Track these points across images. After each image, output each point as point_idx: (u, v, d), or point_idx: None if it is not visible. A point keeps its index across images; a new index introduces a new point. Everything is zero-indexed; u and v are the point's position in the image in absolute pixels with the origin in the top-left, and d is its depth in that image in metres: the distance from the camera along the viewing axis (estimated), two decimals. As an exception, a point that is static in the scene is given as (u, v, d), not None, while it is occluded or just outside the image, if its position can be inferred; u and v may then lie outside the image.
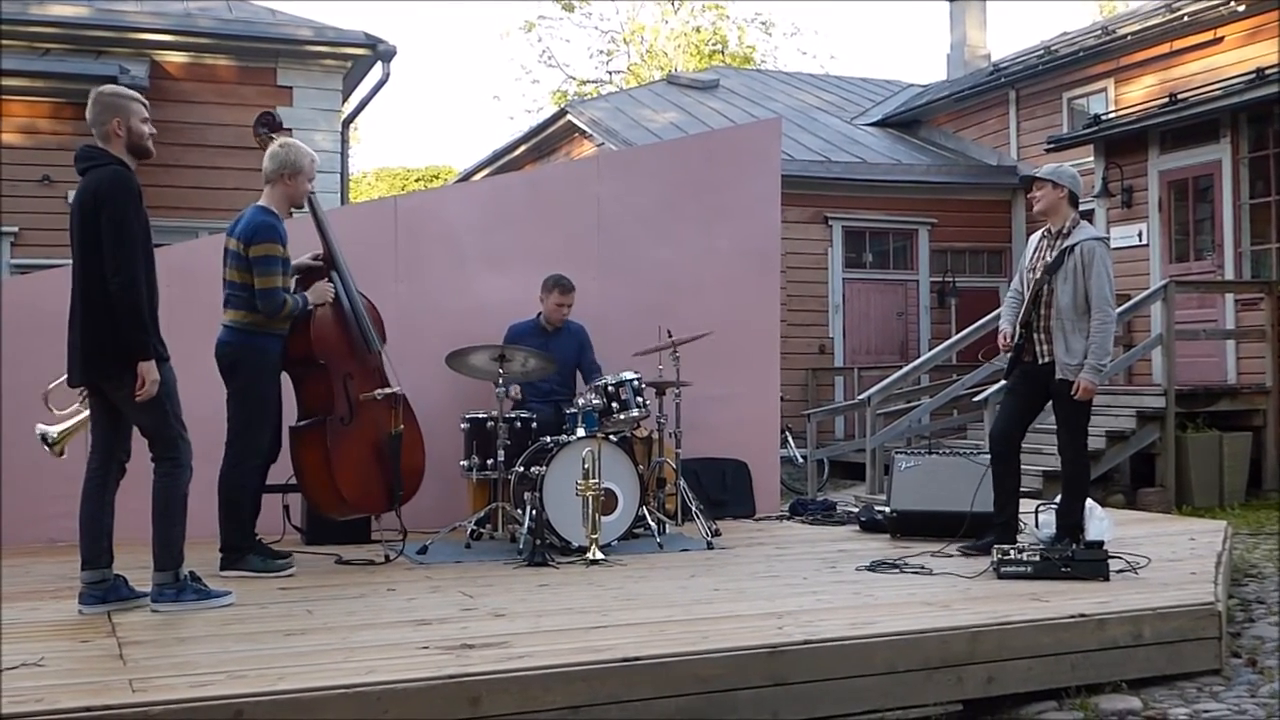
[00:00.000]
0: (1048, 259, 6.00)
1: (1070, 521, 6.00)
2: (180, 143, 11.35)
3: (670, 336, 7.18)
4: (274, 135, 6.05)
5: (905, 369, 11.88)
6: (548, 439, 6.52)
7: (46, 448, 5.25)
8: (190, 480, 4.84)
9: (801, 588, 5.29)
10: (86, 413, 5.01)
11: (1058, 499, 6.47)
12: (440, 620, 4.53)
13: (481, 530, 6.69)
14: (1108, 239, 6.24)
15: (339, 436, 5.91)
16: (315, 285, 5.94)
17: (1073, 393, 5.84)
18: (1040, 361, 6.01)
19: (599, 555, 5.99)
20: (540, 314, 7.35)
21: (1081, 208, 6.13)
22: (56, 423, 5.19)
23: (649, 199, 8.18)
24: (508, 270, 7.65)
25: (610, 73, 34.87)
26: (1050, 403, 6.10)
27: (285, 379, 5.98)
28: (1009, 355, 6.14)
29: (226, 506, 5.65)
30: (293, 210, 6.01)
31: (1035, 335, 6.01)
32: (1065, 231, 6.00)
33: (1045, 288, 5.95)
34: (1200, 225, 13.07)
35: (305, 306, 5.83)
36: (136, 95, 4.89)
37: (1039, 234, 6.20)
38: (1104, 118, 13.84)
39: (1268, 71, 11.69)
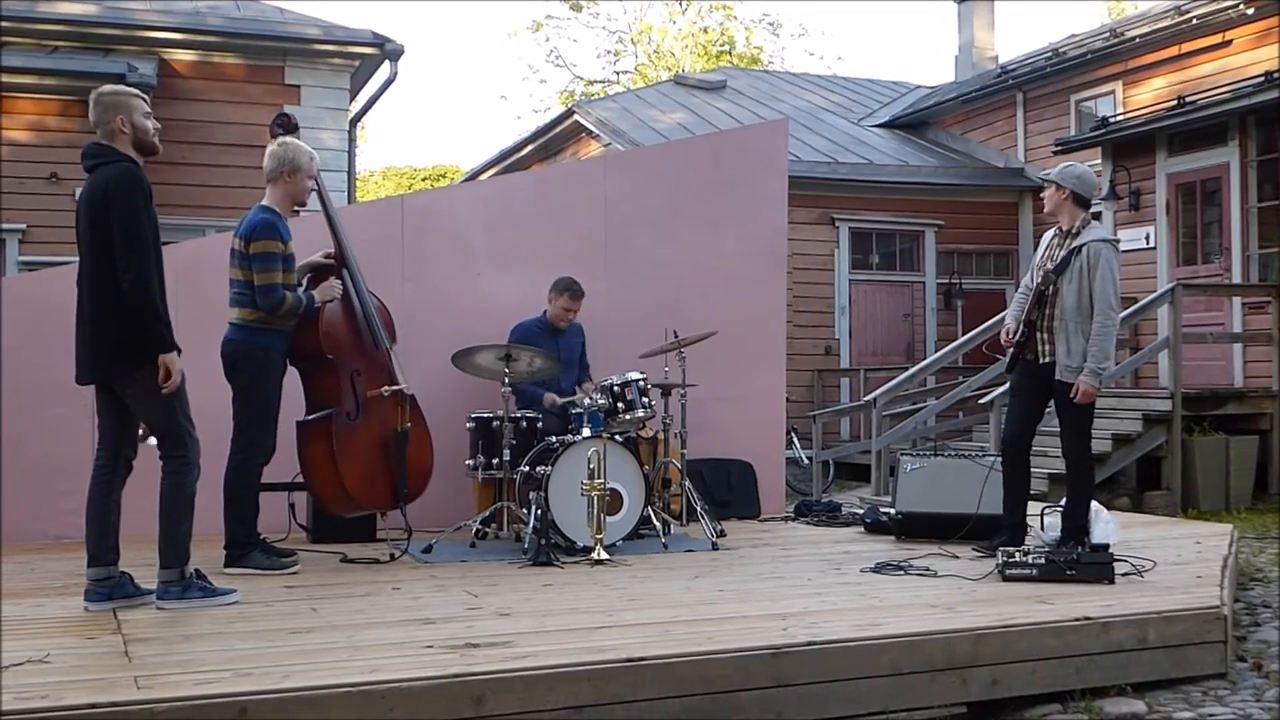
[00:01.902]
0: (1055, 258, 6.01)
1: (1076, 524, 5.99)
2: (188, 141, 11.39)
3: (676, 337, 7.18)
4: (289, 136, 6.07)
5: (911, 370, 11.86)
6: (553, 439, 6.52)
7: None
8: (198, 478, 4.84)
9: (806, 589, 5.29)
10: None
11: (1063, 501, 6.46)
12: (445, 619, 4.53)
13: (486, 529, 6.70)
14: (1117, 241, 6.24)
15: (345, 432, 5.92)
16: (323, 283, 5.96)
17: (1071, 395, 5.84)
18: (1041, 361, 6.01)
19: (604, 555, 5.99)
20: (545, 311, 7.34)
21: (1089, 210, 6.14)
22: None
23: (656, 199, 8.17)
24: (514, 270, 7.65)
25: (618, 73, 34.90)
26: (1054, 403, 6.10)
27: (293, 375, 6.00)
28: (1010, 351, 6.16)
29: (232, 503, 5.67)
30: (298, 209, 6.03)
31: (1038, 334, 6.01)
32: (1075, 232, 6.00)
33: (1051, 287, 5.95)
34: (1208, 228, 13.05)
35: (310, 304, 5.85)
36: (136, 92, 4.90)
37: (1052, 232, 6.21)
38: (1112, 120, 13.82)
39: (1276, 75, 11.67)
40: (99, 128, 4.77)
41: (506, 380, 6.53)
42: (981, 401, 10.62)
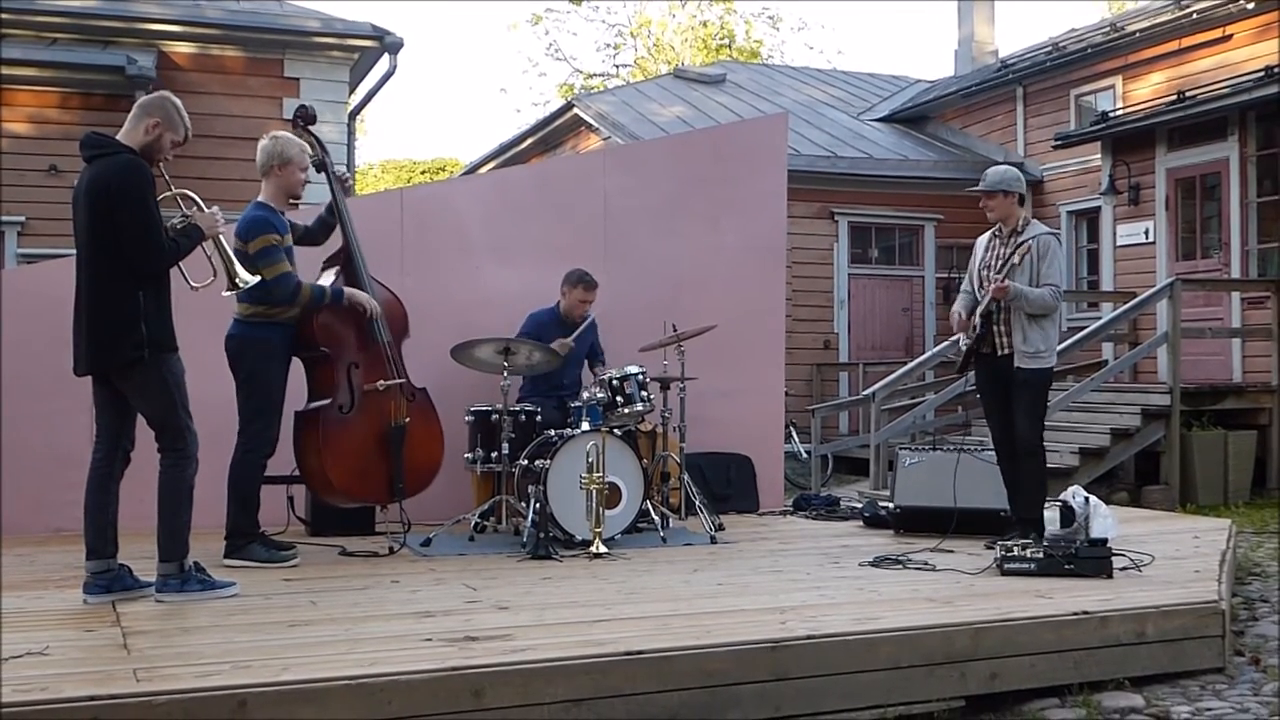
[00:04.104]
0: (1003, 256, 6.10)
1: (1032, 515, 6.01)
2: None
3: (675, 330, 7.18)
4: (309, 129, 6.08)
5: (910, 365, 11.86)
6: (552, 432, 6.52)
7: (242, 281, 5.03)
8: (196, 472, 4.84)
9: (805, 583, 5.29)
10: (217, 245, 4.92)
11: (1061, 496, 6.47)
12: (444, 612, 4.54)
13: (485, 523, 6.70)
14: (1060, 234, 6.33)
15: (335, 423, 5.93)
16: (357, 291, 5.95)
17: (992, 287, 5.92)
18: (999, 353, 6.10)
19: (602, 549, 5.99)
20: (559, 303, 7.33)
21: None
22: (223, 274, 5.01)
23: (655, 193, 8.17)
24: (514, 263, 7.65)
25: (617, 66, 34.83)
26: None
27: (298, 366, 6.00)
28: (965, 346, 6.19)
29: (235, 494, 5.69)
30: (294, 201, 6.03)
31: (995, 328, 6.09)
32: (1018, 229, 6.15)
33: (1002, 279, 5.99)
34: (1207, 223, 13.05)
35: (338, 298, 5.84)
36: (188, 123, 4.90)
37: (988, 235, 6.31)
38: (1112, 115, 13.81)
39: (1276, 69, 11.66)
40: (138, 108, 4.78)
41: (505, 374, 6.53)
42: (980, 396, 10.60)
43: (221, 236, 4.95)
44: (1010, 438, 6.16)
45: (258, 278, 5.20)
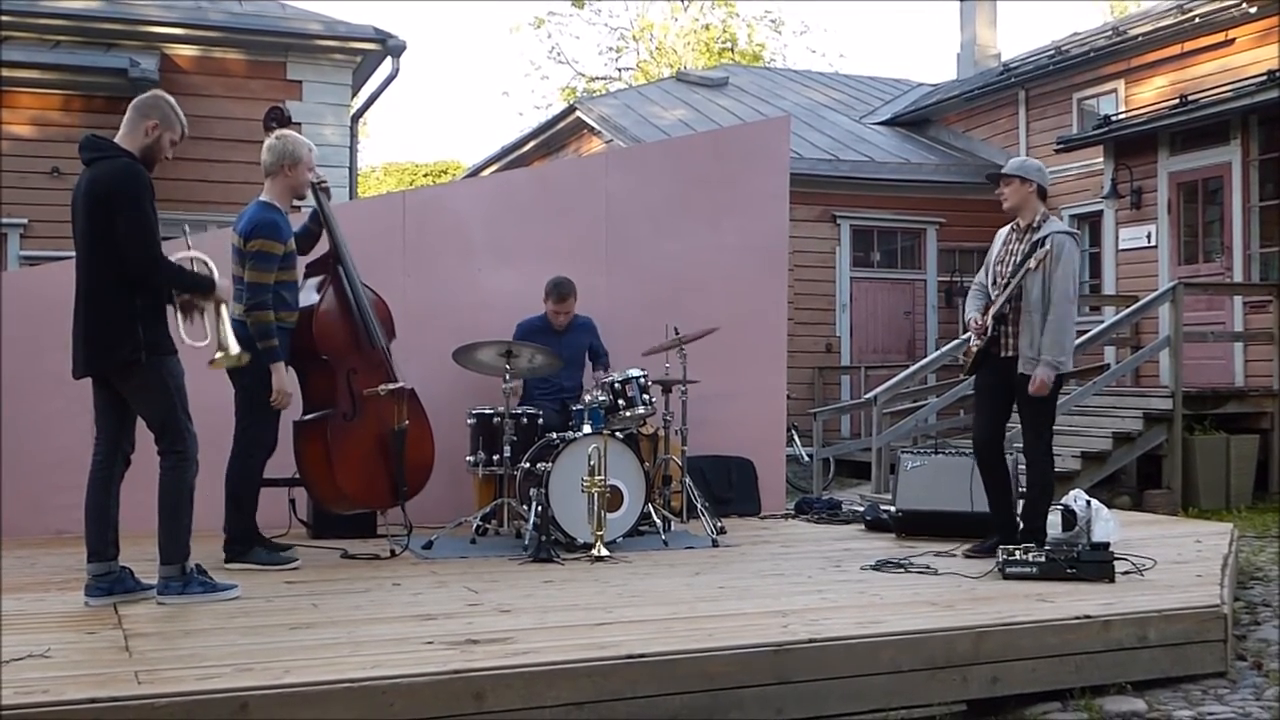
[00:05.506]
0: (1017, 252, 5.96)
1: (1035, 525, 5.95)
2: (189, 135, 11.35)
3: (676, 333, 7.18)
4: (285, 129, 6.04)
5: (912, 368, 11.85)
6: (554, 435, 6.52)
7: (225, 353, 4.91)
8: (196, 474, 4.84)
9: (806, 586, 5.29)
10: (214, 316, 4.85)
11: (1063, 499, 6.46)
12: (445, 615, 4.54)
13: (487, 526, 6.70)
14: (1077, 234, 6.14)
15: (342, 432, 5.91)
16: (284, 385, 5.64)
17: (1030, 388, 5.78)
18: (1004, 355, 5.95)
19: (604, 552, 5.99)
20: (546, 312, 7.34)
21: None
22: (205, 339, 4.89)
23: (657, 196, 8.17)
24: (516, 265, 7.65)
25: (619, 69, 34.87)
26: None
27: (290, 373, 5.98)
28: (977, 347, 6.04)
29: (233, 498, 5.67)
30: (296, 203, 6.01)
31: (1004, 329, 5.95)
32: (1035, 225, 5.98)
33: (1016, 282, 5.89)
34: (1209, 227, 13.05)
35: (275, 357, 5.59)
36: (185, 121, 4.90)
37: (1008, 228, 6.15)
38: (1114, 118, 13.81)
39: (1278, 73, 11.66)
40: (133, 111, 4.77)
41: (507, 376, 6.53)
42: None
43: (224, 306, 4.89)
44: (994, 443, 6.09)
45: (248, 356, 5.07)
